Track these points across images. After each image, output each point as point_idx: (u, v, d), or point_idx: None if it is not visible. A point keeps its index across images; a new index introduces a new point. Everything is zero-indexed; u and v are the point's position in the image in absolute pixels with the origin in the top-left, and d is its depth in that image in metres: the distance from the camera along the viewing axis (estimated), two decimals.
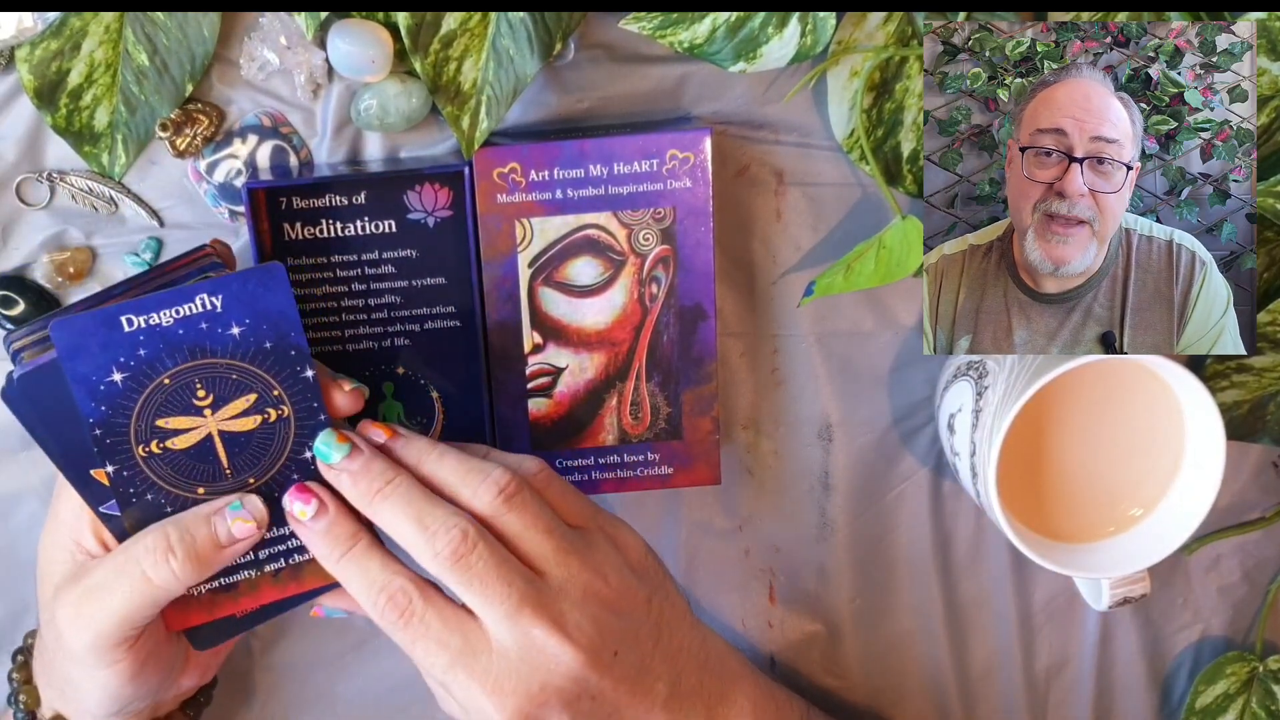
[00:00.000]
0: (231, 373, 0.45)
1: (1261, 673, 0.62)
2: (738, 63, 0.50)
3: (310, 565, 0.48)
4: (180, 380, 0.44)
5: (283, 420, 0.46)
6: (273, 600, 0.48)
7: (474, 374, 0.54)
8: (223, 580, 0.47)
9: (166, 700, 0.51)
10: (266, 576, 0.48)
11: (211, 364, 0.44)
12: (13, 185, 0.52)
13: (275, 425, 0.46)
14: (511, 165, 0.51)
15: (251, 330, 0.44)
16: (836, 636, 0.61)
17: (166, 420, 0.45)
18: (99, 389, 0.43)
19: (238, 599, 0.48)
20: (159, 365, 0.44)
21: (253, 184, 0.50)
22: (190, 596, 0.47)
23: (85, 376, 0.43)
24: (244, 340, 0.44)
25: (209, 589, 0.47)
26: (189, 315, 0.44)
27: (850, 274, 0.52)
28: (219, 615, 0.48)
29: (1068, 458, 0.56)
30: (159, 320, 0.43)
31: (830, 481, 0.59)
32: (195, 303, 0.44)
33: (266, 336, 0.44)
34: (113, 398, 0.44)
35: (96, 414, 0.44)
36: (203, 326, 0.44)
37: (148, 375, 0.44)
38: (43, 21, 0.49)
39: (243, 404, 0.45)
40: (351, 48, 0.49)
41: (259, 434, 0.46)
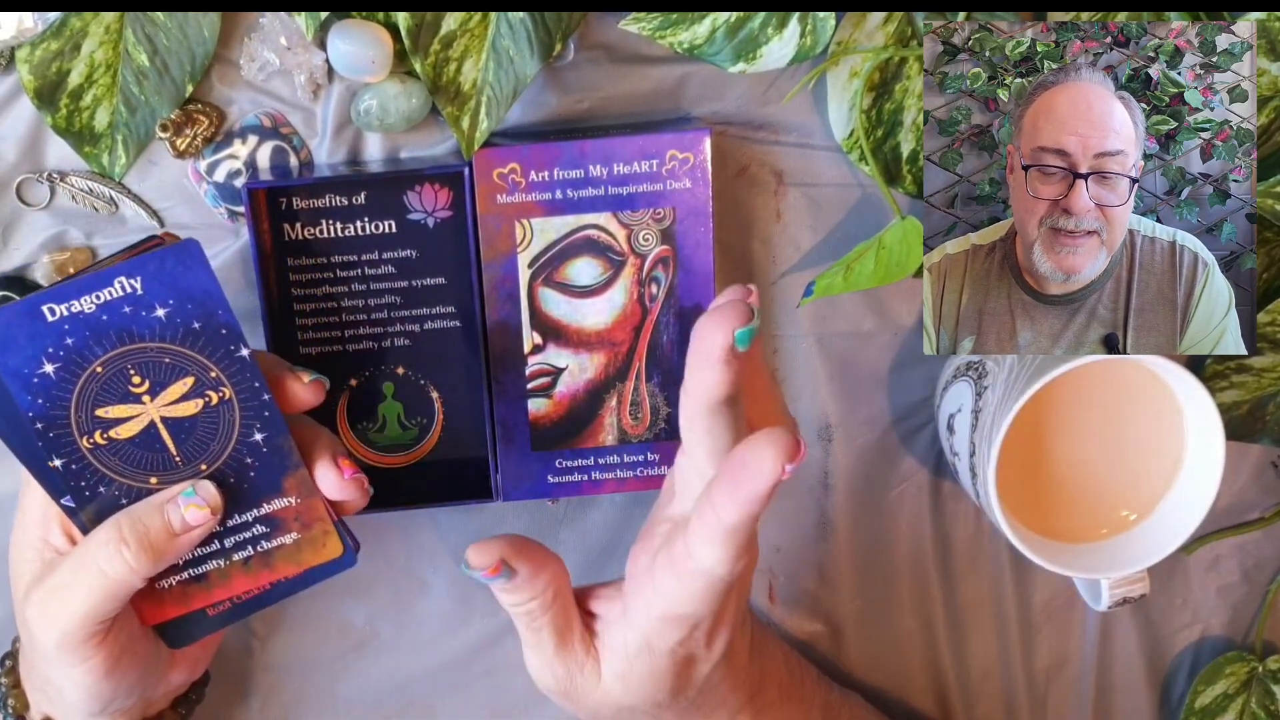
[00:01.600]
0: (164, 356, 0.44)
1: (1261, 673, 0.62)
2: (738, 63, 0.50)
3: (280, 552, 0.47)
4: (113, 368, 0.44)
5: (225, 403, 0.45)
6: (245, 590, 0.48)
7: (474, 374, 0.54)
8: (192, 571, 0.47)
9: (157, 698, 0.51)
10: (237, 565, 0.47)
11: (142, 349, 0.44)
12: (13, 186, 0.52)
13: (218, 408, 0.45)
14: (511, 166, 0.51)
15: (177, 311, 0.43)
16: (836, 636, 0.61)
17: (106, 410, 0.44)
18: (32, 381, 0.43)
19: (210, 589, 0.47)
20: (88, 354, 0.43)
21: (253, 184, 0.50)
22: (162, 589, 0.47)
23: (17, 370, 0.43)
24: (170, 322, 0.44)
25: (179, 580, 0.47)
26: (110, 300, 0.43)
27: (850, 274, 0.52)
28: (194, 607, 0.47)
29: (1067, 458, 0.56)
30: (81, 307, 0.43)
31: (830, 481, 0.59)
32: (115, 286, 0.43)
33: (193, 316, 0.44)
34: (47, 390, 0.43)
35: (35, 407, 0.43)
36: (126, 310, 0.43)
37: (78, 364, 0.43)
38: (43, 22, 0.49)
39: (181, 388, 0.44)
40: (351, 48, 0.49)
41: (203, 418, 0.45)
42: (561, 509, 0.58)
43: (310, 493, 0.47)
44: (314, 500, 0.47)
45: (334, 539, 0.48)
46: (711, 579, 0.42)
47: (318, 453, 0.47)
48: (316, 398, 0.47)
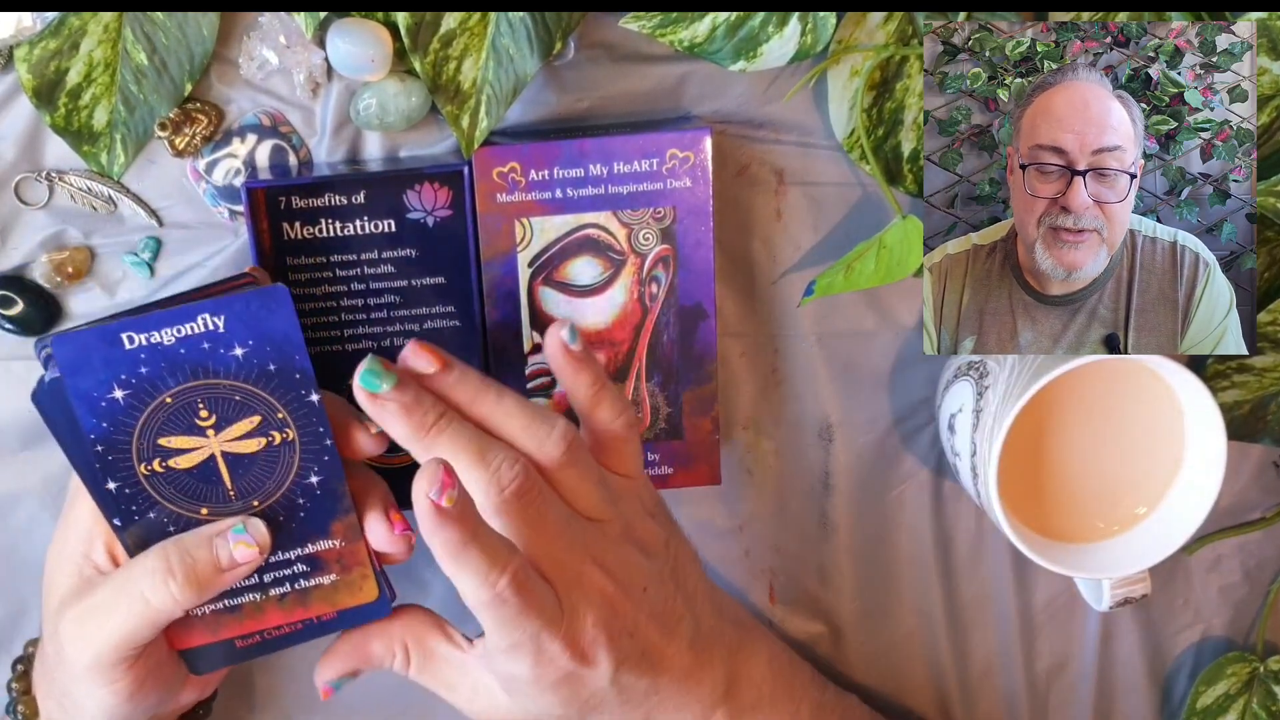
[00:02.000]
0: (235, 394, 0.44)
1: (1262, 673, 0.62)
2: (738, 62, 0.50)
3: (316, 591, 0.48)
4: (182, 400, 0.44)
5: (287, 444, 0.45)
6: (276, 624, 0.48)
7: None
8: (227, 602, 0.47)
9: (164, 716, 0.51)
10: (271, 600, 0.47)
11: (214, 384, 0.44)
12: (11, 185, 0.52)
13: (280, 448, 0.45)
14: (511, 165, 0.51)
15: (255, 352, 0.44)
16: (837, 637, 0.61)
17: (169, 439, 0.44)
18: (100, 405, 0.43)
19: (242, 620, 0.47)
20: (160, 384, 0.44)
21: (252, 183, 0.50)
22: (193, 616, 0.47)
23: (87, 392, 0.43)
24: (247, 362, 0.44)
25: (213, 609, 0.47)
26: (191, 335, 0.43)
27: (850, 274, 0.52)
28: (222, 636, 0.48)
29: (1068, 458, 0.56)
30: (160, 339, 0.43)
31: (830, 481, 0.59)
32: (197, 322, 0.43)
33: (270, 359, 0.44)
34: (114, 414, 0.43)
35: (98, 430, 0.44)
36: (205, 346, 0.43)
37: (149, 393, 0.44)
38: (41, 21, 0.49)
39: (246, 425, 0.45)
40: (351, 47, 0.49)
41: (263, 456, 0.45)
42: None
43: (356, 537, 0.47)
44: (358, 545, 0.47)
45: (371, 584, 0.48)
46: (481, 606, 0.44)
47: (370, 503, 0.47)
48: (378, 449, 0.47)
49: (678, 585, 0.49)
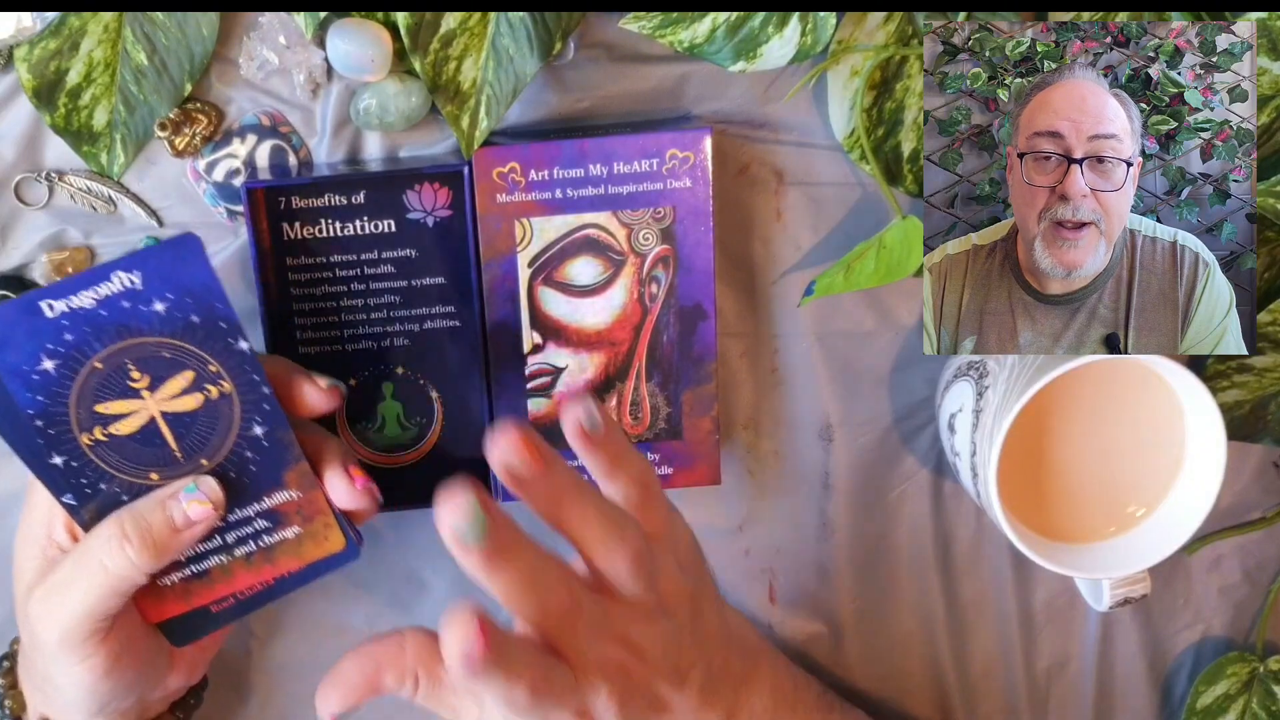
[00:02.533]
0: (163, 350, 0.44)
1: (1262, 673, 0.62)
2: (738, 62, 0.50)
3: (282, 546, 0.47)
4: (112, 363, 0.43)
5: (225, 397, 0.45)
6: (248, 585, 0.48)
7: (474, 374, 0.54)
8: (194, 568, 0.47)
9: (154, 701, 0.51)
10: (239, 561, 0.47)
11: (140, 343, 0.43)
12: (11, 185, 0.52)
13: (218, 403, 0.45)
14: (511, 165, 0.51)
15: (176, 305, 0.43)
16: (837, 637, 0.61)
17: (105, 405, 0.44)
18: (32, 379, 0.43)
19: (212, 585, 0.47)
20: (87, 349, 0.43)
21: (252, 183, 0.50)
22: (165, 587, 0.47)
23: (16, 367, 0.43)
24: (170, 316, 0.43)
25: (181, 577, 0.47)
26: (110, 295, 0.43)
27: (850, 274, 0.52)
28: (195, 604, 0.47)
29: (1068, 458, 0.56)
30: (80, 303, 0.42)
31: (830, 481, 0.59)
32: (114, 281, 0.43)
33: (192, 310, 0.43)
34: (47, 386, 0.43)
35: (34, 404, 0.43)
36: (125, 305, 0.43)
37: (78, 360, 0.43)
38: (41, 21, 0.49)
39: (181, 382, 0.44)
40: (351, 47, 0.49)
41: (203, 413, 0.45)
42: None
43: (311, 486, 0.47)
44: (315, 494, 0.47)
45: (335, 532, 0.48)
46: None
47: (328, 461, 0.47)
48: (332, 404, 0.46)
49: (695, 635, 0.47)
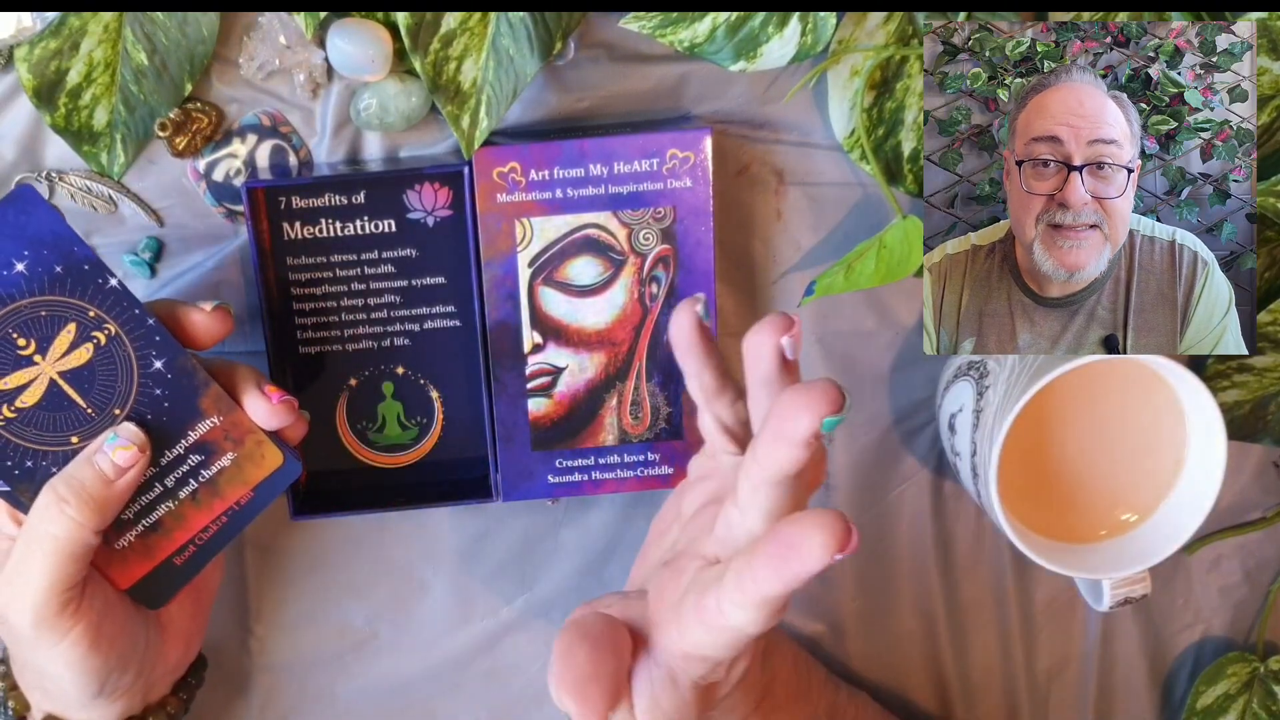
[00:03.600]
0: (39, 310, 0.43)
1: (1262, 673, 0.62)
2: (738, 62, 0.50)
3: (223, 476, 0.47)
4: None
5: (114, 339, 0.45)
6: (202, 526, 0.47)
7: (474, 374, 0.54)
8: (146, 521, 0.47)
9: (157, 680, 0.51)
10: (186, 502, 0.47)
11: (15, 309, 0.43)
12: (12, 185, 0.52)
13: (109, 347, 0.45)
14: (511, 165, 0.51)
15: (35, 260, 0.43)
16: (837, 636, 0.61)
17: (3, 381, 0.44)
18: None
19: (169, 535, 0.47)
20: None
21: (252, 183, 0.50)
22: (124, 549, 0.46)
23: None
24: (34, 273, 0.43)
25: (137, 534, 0.47)
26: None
27: (851, 274, 0.52)
28: (159, 559, 0.47)
29: (1068, 458, 0.56)
30: None
31: (830, 481, 0.59)
32: None
33: (53, 261, 0.43)
34: None
35: None
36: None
37: None
38: (42, 21, 0.49)
39: (66, 338, 0.44)
40: (351, 47, 0.49)
41: (98, 362, 0.45)
42: (561, 509, 0.58)
43: (230, 409, 0.46)
44: (237, 415, 0.47)
45: (271, 449, 0.47)
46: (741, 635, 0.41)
47: (242, 386, 0.47)
48: (224, 326, 0.46)
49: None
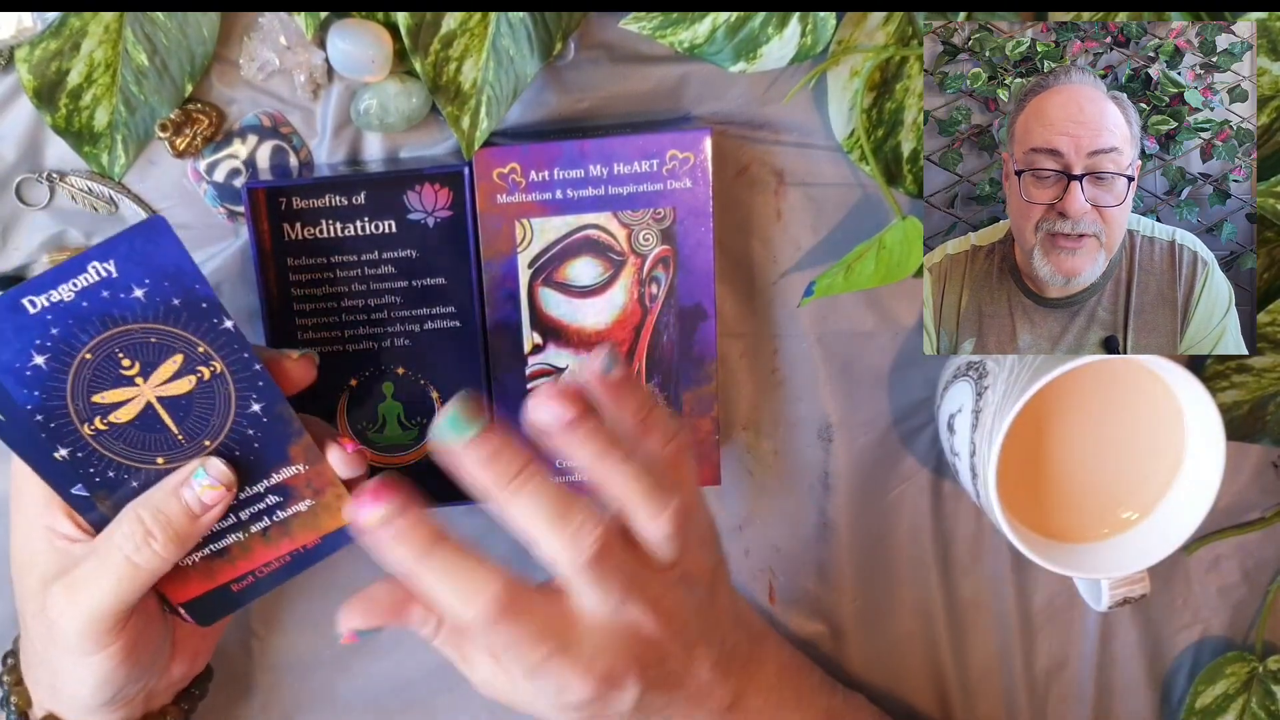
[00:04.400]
0: (149, 336, 0.44)
1: (1261, 673, 0.62)
2: (738, 63, 0.50)
3: (297, 520, 0.48)
4: (101, 353, 0.44)
5: (218, 377, 0.45)
6: (265, 561, 0.48)
7: (474, 374, 0.54)
8: (214, 546, 0.47)
9: (159, 690, 0.51)
10: (256, 537, 0.48)
11: (126, 331, 0.44)
12: (12, 186, 0.52)
13: (212, 383, 0.45)
14: (511, 165, 0.51)
15: (155, 290, 0.44)
16: (837, 636, 0.61)
17: (101, 395, 0.44)
18: (25, 375, 0.43)
19: (233, 563, 0.48)
20: (75, 341, 0.43)
21: (252, 184, 0.50)
22: (186, 567, 0.47)
23: (9, 365, 0.43)
24: (150, 302, 0.44)
25: (202, 556, 0.47)
26: (88, 286, 0.43)
27: (850, 274, 0.52)
28: (219, 582, 0.48)
29: (1067, 458, 0.56)
30: (60, 296, 0.43)
31: (830, 481, 0.59)
32: (90, 272, 0.43)
33: (172, 293, 0.44)
34: (41, 381, 0.43)
35: (32, 400, 0.44)
36: (105, 295, 0.43)
37: (67, 353, 0.43)
38: (42, 21, 0.49)
39: (171, 366, 0.45)
40: (351, 48, 0.49)
41: (198, 395, 0.45)
42: None
43: (317, 459, 0.47)
44: (322, 466, 0.47)
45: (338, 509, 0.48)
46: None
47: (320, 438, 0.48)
48: (309, 374, 0.47)
49: (711, 609, 0.48)
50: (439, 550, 0.44)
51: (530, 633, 0.44)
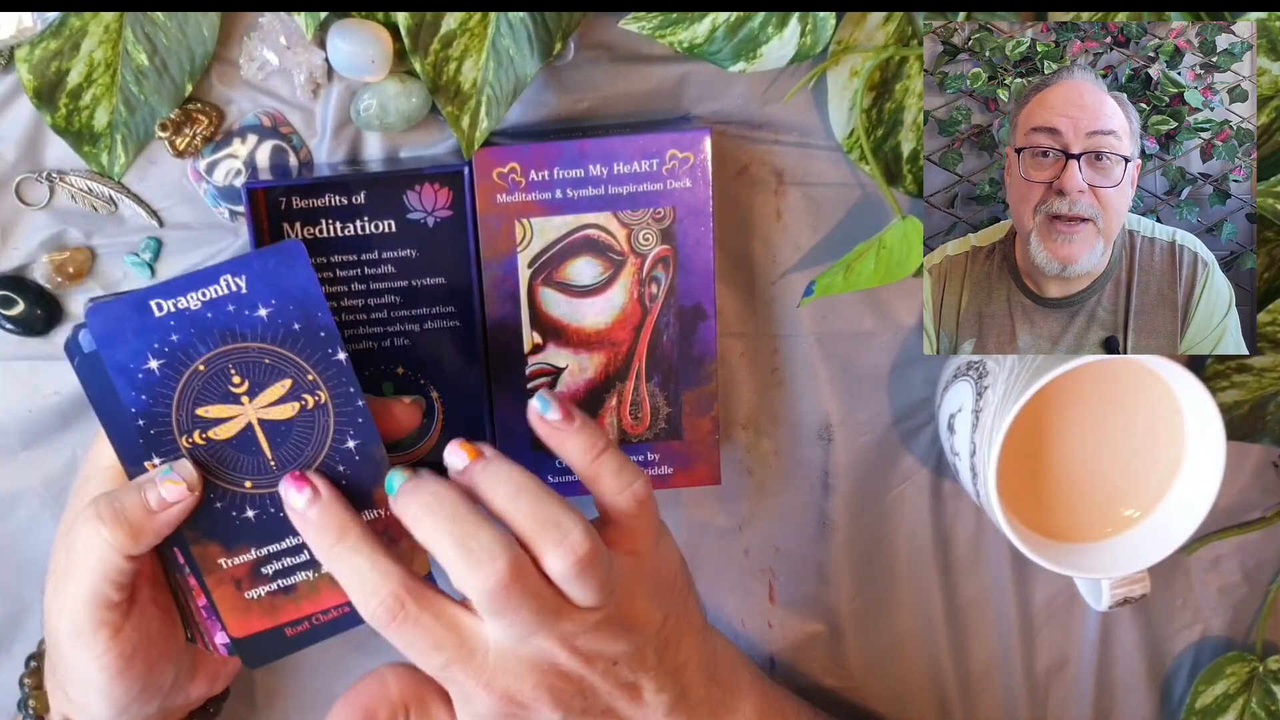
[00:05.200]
0: (264, 357, 0.44)
1: (1261, 673, 0.62)
2: (738, 62, 0.50)
3: None
4: (214, 366, 0.44)
5: (320, 407, 0.45)
6: (329, 606, 0.48)
7: (474, 374, 0.54)
8: (282, 582, 0.47)
9: (174, 709, 0.51)
10: (325, 579, 0.47)
11: (243, 348, 0.44)
12: (12, 185, 0.52)
13: (314, 413, 0.45)
14: (511, 165, 0.51)
15: (279, 311, 0.44)
16: (837, 636, 0.61)
17: (206, 409, 0.44)
18: (138, 378, 0.43)
19: (298, 603, 0.47)
20: (192, 351, 0.44)
21: (252, 184, 0.50)
22: (252, 600, 0.47)
23: (124, 365, 0.43)
24: (272, 322, 0.44)
25: (269, 591, 0.47)
26: (216, 297, 0.43)
27: (850, 274, 0.52)
28: (279, 621, 0.47)
29: (1068, 458, 0.56)
30: (187, 304, 0.43)
31: (830, 481, 0.59)
32: (220, 284, 0.43)
33: (294, 317, 0.44)
34: (151, 386, 0.43)
35: (139, 404, 0.43)
36: (230, 309, 0.43)
37: (183, 362, 0.44)
38: (42, 21, 0.49)
39: (279, 390, 0.45)
40: (351, 48, 0.49)
41: (298, 422, 0.45)
42: None
43: None
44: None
45: (423, 557, 0.48)
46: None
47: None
48: (414, 420, 0.48)
49: (660, 659, 0.48)
50: (345, 542, 0.44)
51: (427, 637, 0.44)
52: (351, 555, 0.44)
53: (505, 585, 0.42)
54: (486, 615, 0.44)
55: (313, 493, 0.45)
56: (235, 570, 0.46)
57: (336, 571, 0.45)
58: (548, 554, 0.43)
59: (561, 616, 0.44)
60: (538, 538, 0.44)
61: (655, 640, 0.47)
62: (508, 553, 0.43)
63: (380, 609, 0.44)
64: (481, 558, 0.42)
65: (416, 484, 0.44)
